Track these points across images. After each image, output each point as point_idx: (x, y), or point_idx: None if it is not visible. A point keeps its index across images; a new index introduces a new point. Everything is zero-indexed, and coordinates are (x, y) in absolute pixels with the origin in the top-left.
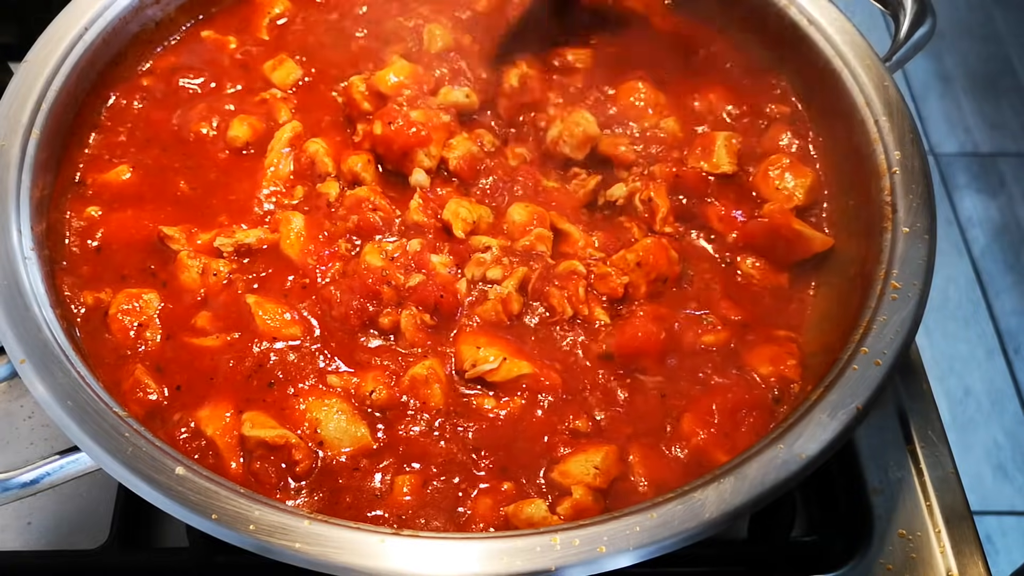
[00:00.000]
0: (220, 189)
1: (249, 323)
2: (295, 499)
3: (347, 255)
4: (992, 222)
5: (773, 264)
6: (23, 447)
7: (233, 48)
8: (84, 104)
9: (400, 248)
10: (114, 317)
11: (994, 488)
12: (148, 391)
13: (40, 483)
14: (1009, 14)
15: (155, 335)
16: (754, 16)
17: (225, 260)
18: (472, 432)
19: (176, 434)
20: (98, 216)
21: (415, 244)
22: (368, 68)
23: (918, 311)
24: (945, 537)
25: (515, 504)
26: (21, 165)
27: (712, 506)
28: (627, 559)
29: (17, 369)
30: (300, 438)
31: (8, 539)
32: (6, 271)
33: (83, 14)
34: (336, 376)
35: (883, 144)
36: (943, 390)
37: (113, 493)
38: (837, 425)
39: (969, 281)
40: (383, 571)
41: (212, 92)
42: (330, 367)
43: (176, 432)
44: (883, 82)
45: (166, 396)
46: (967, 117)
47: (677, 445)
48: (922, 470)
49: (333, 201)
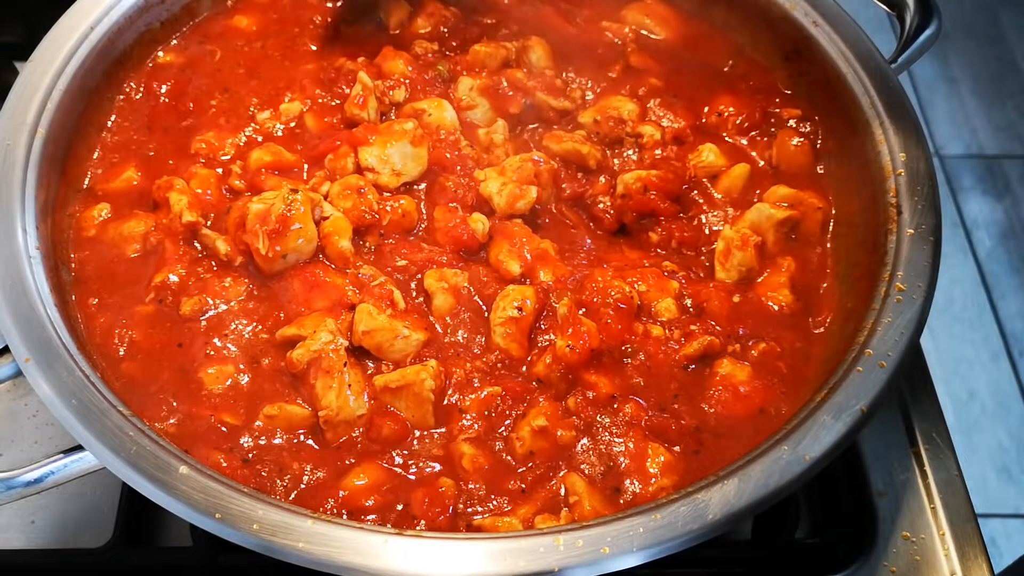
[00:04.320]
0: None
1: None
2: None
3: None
4: (997, 224)
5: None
6: (27, 446)
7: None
8: (89, 103)
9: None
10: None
11: (998, 490)
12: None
13: (44, 482)
14: (1015, 16)
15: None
16: (760, 18)
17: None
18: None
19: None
20: (104, 216)
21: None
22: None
23: (923, 313)
24: (949, 540)
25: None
26: (27, 164)
27: (716, 507)
28: (631, 560)
29: (22, 368)
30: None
31: (12, 538)
32: (11, 270)
33: (88, 13)
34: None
35: (888, 146)
36: (948, 392)
37: (117, 492)
38: (841, 427)
39: (974, 283)
40: (386, 571)
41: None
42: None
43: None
44: (888, 84)
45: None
46: (972, 119)
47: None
48: (926, 472)
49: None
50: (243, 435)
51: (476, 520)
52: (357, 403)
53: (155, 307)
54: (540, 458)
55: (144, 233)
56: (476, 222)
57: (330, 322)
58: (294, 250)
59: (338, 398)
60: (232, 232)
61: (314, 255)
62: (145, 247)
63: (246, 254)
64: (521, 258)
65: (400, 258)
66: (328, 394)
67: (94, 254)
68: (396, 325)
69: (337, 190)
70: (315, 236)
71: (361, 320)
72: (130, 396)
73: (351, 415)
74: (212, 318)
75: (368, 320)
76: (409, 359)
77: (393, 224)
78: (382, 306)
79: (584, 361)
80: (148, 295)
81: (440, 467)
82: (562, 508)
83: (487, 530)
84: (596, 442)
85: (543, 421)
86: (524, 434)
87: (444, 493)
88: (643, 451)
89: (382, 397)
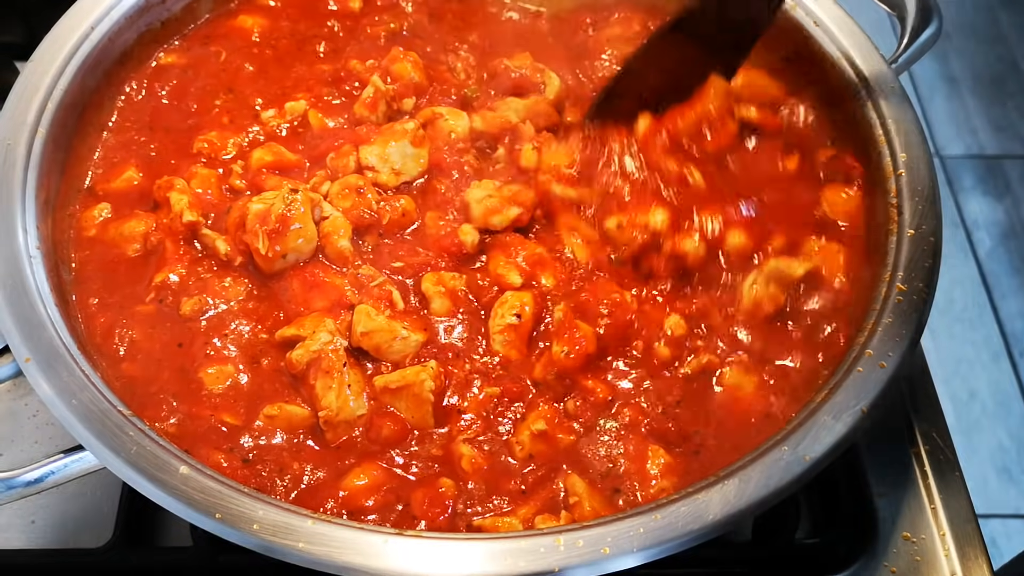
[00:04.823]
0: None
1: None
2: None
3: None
4: (998, 224)
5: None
6: (28, 445)
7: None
8: (90, 103)
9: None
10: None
11: (999, 491)
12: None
13: (44, 482)
14: (1015, 16)
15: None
16: None
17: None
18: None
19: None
20: (105, 216)
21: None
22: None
23: (923, 313)
24: (950, 540)
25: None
26: (27, 164)
27: (716, 508)
28: (631, 560)
29: (22, 368)
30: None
31: (12, 537)
32: (12, 270)
33: (89, 13)
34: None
35: (889, 146)
36: (948, 392)
37: (117, 492)
38: (842, 427)
39: (975, 283)
40: (386, 571)
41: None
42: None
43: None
44: (889, 84)
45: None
46: (973, 119)
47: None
48: (927, 473)
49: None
50: (243, 435)
51: (476, 520)
52: (357, 403)
53: (155, 307)
54: (540, 460)
55: (144, 233)
56: (465, 234)
57: (329, 322)
58: (294, 250)
59: (338, 398)
60: (232, 232)
61: (314, 255)
62: (145, 247)
63: (246, 254)
64: (519, 267)
65: (398, 260)
66: (328, 394)
67: (94, 254)
68: (395, 326)
69: (336, 190)
70: (315, 236)
71: (360, 321)
72: (130, 396)
73: (351, 415)
74: (212, 318)
75: (367, 321)
76: (408, 360)
77: (393, 224)
78: (381, 307)
79: (580, 366)
80: (148, 295)
81: (440, 467)
82: (561, 509)
83: (487, 530)
84: (596, 445)
85: (542, 425)
86: (524, 438)
87: (444, 494)
88: (643, 453)
89: (382, 397)
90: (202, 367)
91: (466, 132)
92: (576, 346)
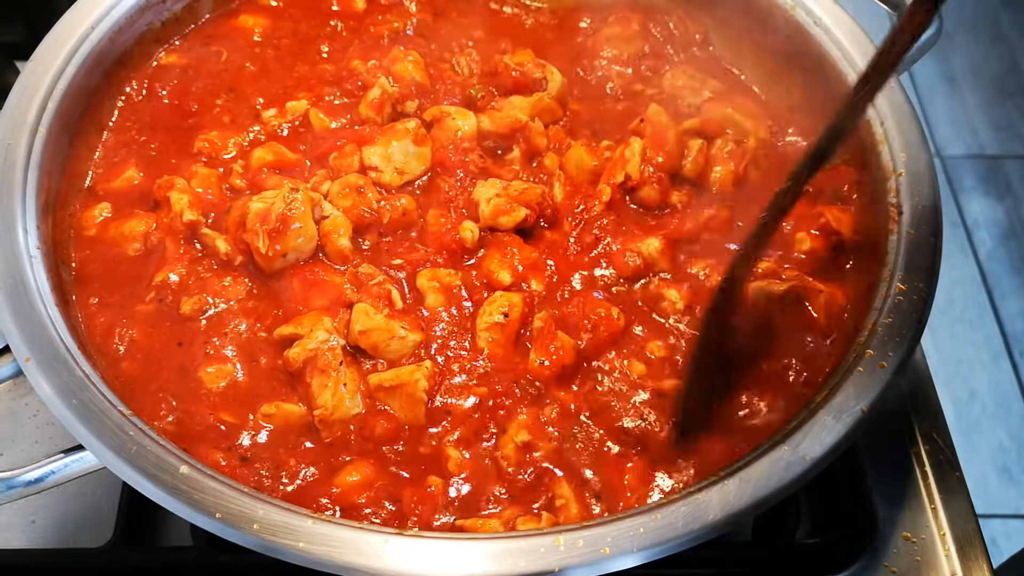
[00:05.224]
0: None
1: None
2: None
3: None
4: (998, 224)
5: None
6: (28, 445)
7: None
8: (90, 103)
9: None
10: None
11: (999, 491)
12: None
13: (45, 481)
14: (1016, 16)
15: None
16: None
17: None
18: None
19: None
20: (105, 216)
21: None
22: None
23: (924, 313)
24: (950, 540)
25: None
26: (27, 163)
27: (716, 508)
28: (631, 560)
29: (22, 367)
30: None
31: (13, 537)
32: (12, 269)
33: (89, 13)
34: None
35: (889, 146)
36: (948, 393)
37: (118, 492)
38: (842, 427)
39: (975, 283)
40: (387, 571)
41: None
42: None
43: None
44: (889, 84)
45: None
46: (973, 119)
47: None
48: (927, 473)
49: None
50: (241, 434)
51: (458, 521)
52: (352, 402)
53: (155, 306)
54: (525, 467)
55: (145, 232)
56: (465, 230)
57: (327, 321)
58: (294, 249)
59: (333, 397)
60: (232, 231)
61: (314, 254)
62: (146, 246)
63: (246, 253)
64: (512, 268)
65: (397, 258)
66: (323, 393)
67: (95, 253)
68: (393, 325)
69: (336, 189)
70: (315, 235)
71: (358, 319)
72: (130, 395)
73: (346, 414)
74: (212, 317)
75: (365, 320)
76: (404, 359)
77: (393, 223)
78: (379, 305)
79: (555, 377)
80: (148, 294)
81: (427, 467)
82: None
83: (469, 531)
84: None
85: (525, 435)
86: (508, 451)
87: (433, 493)
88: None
89: (375, 395)
90: (201, 366)
91: (473, 131)
92: (553, 356)
